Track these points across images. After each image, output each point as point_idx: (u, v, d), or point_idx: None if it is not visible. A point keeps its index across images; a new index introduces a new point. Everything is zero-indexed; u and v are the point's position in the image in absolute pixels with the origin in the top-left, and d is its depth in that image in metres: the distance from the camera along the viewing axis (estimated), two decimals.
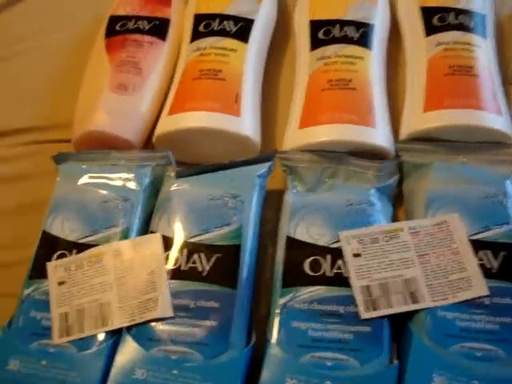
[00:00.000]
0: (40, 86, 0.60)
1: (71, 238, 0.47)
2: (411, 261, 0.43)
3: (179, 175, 0.48)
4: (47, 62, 0.61)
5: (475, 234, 0.44)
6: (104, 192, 0.48)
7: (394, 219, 0.48)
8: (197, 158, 0.52)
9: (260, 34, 0.55)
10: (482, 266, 0.43)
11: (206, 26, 0.54)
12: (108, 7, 0.60)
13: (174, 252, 0.44)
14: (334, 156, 0.48)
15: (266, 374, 0.40)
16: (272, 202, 0.49)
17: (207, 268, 0.43)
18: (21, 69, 0.61)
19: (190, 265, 0.44)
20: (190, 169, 0.49)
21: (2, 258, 0.51)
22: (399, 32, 0.56)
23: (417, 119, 0.49)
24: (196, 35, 0.54)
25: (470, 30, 0.52)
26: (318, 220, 0.45)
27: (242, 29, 0.54)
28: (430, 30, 0.53)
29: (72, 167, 0.51)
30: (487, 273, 0.42)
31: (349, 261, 0.43)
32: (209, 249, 0.44)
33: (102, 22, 0.59)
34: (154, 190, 0.49)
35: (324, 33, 0.53)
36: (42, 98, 0.59)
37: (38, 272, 0.46)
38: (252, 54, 0.53)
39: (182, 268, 0.44)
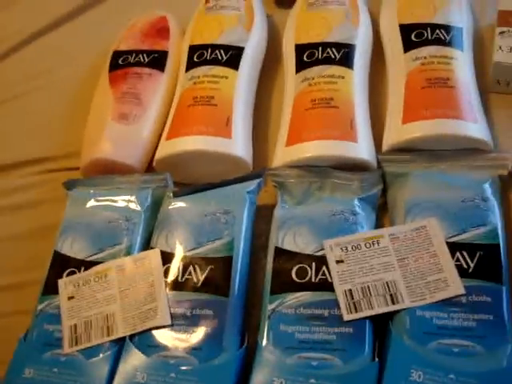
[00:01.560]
0: (52, 119, 0.65)
1: (80, 256, 0.51)
2: (391, 265, 0.46)
3: (176, 195, 0.52)
4: (58, 97, 0.67)
5: (452, 236, 0.46)
6: (109, 213, 0.52)
7: (380, 228, 0.51)
8: (194, 179, 0.55)
9: (250, 61, 0.59)
10: (458, 266, 0.45)
11: (199, 55, 0.59)
12: (112, 43, 0.65)
13: (172, 265, 0.48)
14: (320, 170, 0.52)
15: (255, 376, 0.43)
16: (266, 217, 0.52)
17: (201, 279, 0.47)
18: (34, 104, 0.67)
19: (186, 276, 0.47)
20: (186, 188, 0.53)
21: (18, 279, 0.55)
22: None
23: (396, 131, 0.52)
24: (190, 65, 0.59)
25: (446, 43, 0.55)
26: (303, 230, 0.48)
27: (233, 57, 0.58)
28: (408, 46, 0.55)
29: (80, 192, 0.55)
30: (464, 273, 0.45)
31: (332, 267, 0.46)
32: (203, 261, 0.48)
33: (107, 57, 0.64)
34: (155, 209, 0.53)
35: (308, 55, 0.56)
36: (54, 131, 0.64)
37: (50, 288, 0.50)
38: (242, 80, 0.57)
39: (178, 280, 0.47)
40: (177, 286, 0.47)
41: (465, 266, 0.45)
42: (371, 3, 0.63)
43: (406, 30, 0.57)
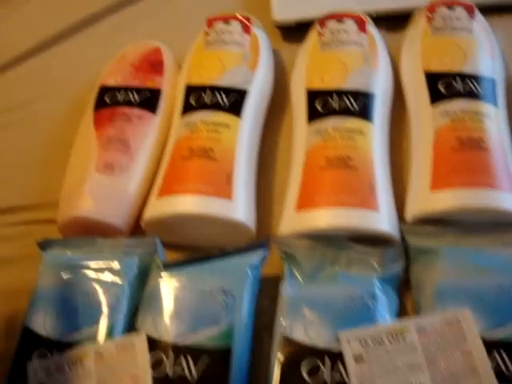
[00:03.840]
0: (29, 160, 0.57)
1: (52, 335, 0.43)
2: (419, 365, 0.39)
3: (167, 266, 0.45)
4: (36, 135, 0.59)
5: (489, 331, 0.40)
6: (88, 285, 0.45)
7: (401, 308, 0.44)
8: (189, 241, 0.49)
9: (255, 106, 0.52)
10: (496, 368, 0.38)
11: (197, 98, 0.51)
12: (98, 73, 0.58)
13: (160, 355, 0.41)
14: (335, 242, 0.45)
15: None
16: (270, 290, 0.45)
17: (195, 374, 0.40)
18: (8, 142, 0.59)
19: (177, 370, 0.40)
20: (179, 260, 0.45)
21: None
22: (404, 99, 0.53)
23: (423, 199, 0.45)
24: (187, 108, 0.51)
25: (478, 97, 0.48)
26: (316, 317, 0.41)
27: (236, 101, 0.50)
28: (435, 97, 0.49)
29: (56, 256, 0.48)
30: (502, 377, 0.38)
31: (350, 366, 0.39)
32: (197, 352, 0.41)
33: (92, 91, 0.56)
34: (142, 280, 0.46)
35: (321, 104, 0.49)
36: (30, 175, 0.56)
37: (18, 373, 0.43)
38: (246, 129, 0.50)
39: (169, 375, 0.40)
40: (165, 382, 0.40)
41: (503, 368, 0.38)
42: (388, 44, 0.56)
43: (432, 78, 0.50)
